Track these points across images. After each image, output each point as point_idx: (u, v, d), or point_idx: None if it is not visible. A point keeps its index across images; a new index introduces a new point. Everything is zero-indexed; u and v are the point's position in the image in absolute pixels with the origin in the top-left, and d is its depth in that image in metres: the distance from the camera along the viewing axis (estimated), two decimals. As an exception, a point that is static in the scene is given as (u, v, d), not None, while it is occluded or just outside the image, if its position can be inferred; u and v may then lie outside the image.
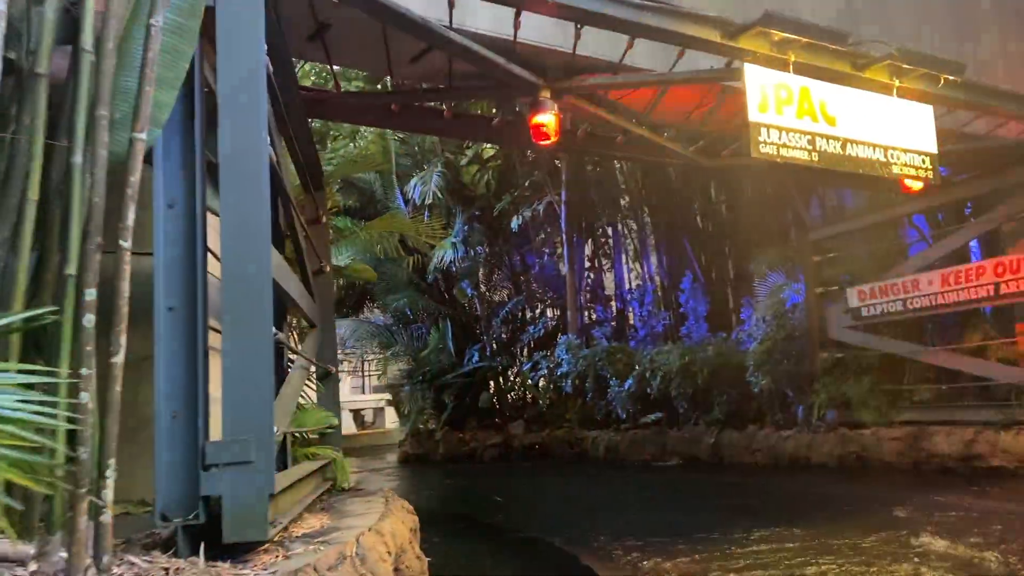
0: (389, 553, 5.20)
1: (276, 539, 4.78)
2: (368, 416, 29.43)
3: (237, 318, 4.27)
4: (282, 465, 7.22)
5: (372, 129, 19.41)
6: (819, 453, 13.04)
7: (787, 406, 14.18)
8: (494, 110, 10.03)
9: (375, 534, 5.21)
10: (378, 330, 19.72)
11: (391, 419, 26.00)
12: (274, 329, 4.71)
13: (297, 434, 8.50)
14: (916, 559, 6.37)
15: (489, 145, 18.22)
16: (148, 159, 3.75)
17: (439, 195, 17.10)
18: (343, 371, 24.40)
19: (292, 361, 7.10)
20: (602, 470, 15.66)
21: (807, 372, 13.82)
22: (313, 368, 9.21)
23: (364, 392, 29.74)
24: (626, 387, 16.36)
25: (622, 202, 19.95)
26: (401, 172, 19.06)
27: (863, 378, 12.98)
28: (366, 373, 27.14)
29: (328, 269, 9.01)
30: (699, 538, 7.55)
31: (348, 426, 27.44)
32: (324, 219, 9.02)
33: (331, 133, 18.96)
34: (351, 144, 19.73)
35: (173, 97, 3.85)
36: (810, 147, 7.23)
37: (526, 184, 17.67)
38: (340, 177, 19.19)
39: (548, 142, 7.49)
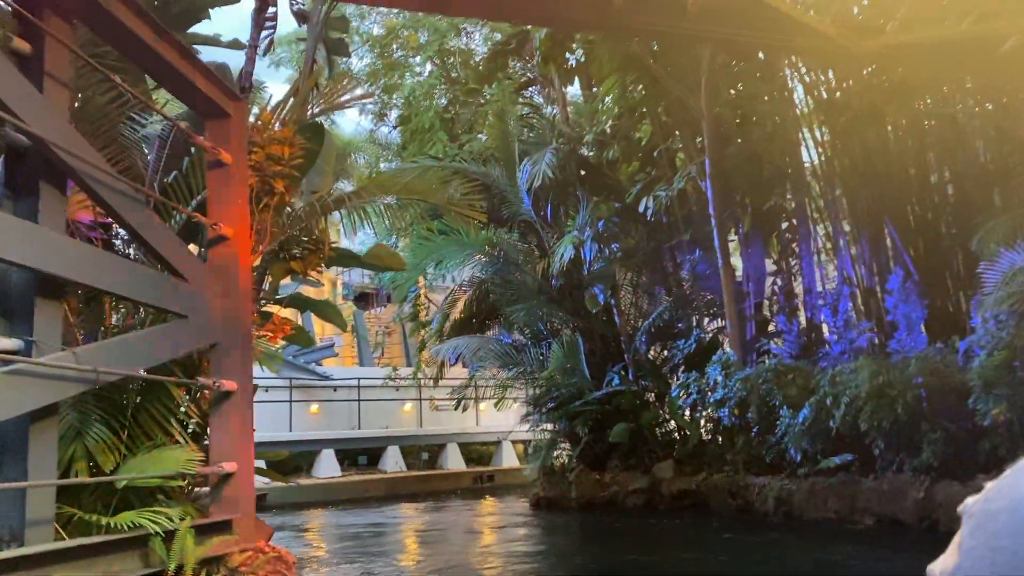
0: None
1: None
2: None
3: None
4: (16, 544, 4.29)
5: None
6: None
7: (1038, 448, 9.43)
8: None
9: None
10: (504, 348, 16.56)
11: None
12: None
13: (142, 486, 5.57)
14: None
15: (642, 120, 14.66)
16: None
17: (549, 176, 13.70)
18: (490, 398, 21.54)
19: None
20: (778, 535, 11.43)
21: (1070, 396, 9.05)
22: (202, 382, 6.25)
23: (534, 423, 26.91)
24: (800, 419, 12.03)
25: (809, 180, 15.49)
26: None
27: None
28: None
29: (231, 235, 6.06)
30: None
31: (511, 460, 25.27)
32: (230, 161, 6.10)
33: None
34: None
35: None
36: None
37: (655, 154, 13.69)
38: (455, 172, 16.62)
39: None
